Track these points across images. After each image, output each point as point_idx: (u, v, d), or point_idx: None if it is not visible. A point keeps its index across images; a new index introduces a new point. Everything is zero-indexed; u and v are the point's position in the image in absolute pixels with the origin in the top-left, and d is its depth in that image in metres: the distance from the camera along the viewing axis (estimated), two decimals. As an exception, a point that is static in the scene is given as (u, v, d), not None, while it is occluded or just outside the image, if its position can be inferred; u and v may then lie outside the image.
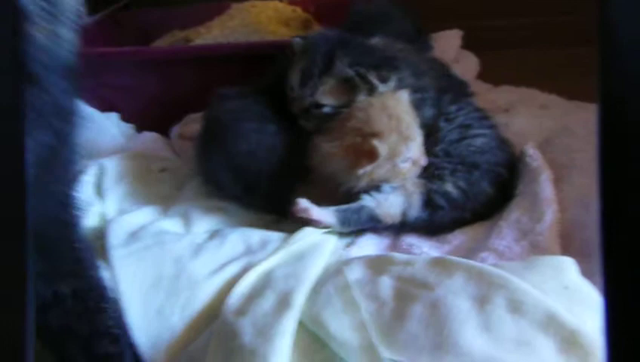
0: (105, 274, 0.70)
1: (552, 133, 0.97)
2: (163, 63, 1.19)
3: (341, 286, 0.64)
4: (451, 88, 0.97)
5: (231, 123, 0.86)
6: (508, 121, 1.15)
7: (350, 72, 0.83)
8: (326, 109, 0.85)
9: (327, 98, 0.85)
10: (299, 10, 1.55)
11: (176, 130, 1.15)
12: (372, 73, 0.83)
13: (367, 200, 0.81)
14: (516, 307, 0.55)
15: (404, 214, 0.81)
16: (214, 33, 1.44)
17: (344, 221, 0.81)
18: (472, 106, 0.97)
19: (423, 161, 0.81)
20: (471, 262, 0.63)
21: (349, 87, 0.84)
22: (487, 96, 1.30)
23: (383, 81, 0.83)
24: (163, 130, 1.18)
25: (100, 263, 0.72)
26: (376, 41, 0.93)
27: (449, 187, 0.82)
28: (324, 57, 0.85)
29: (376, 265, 0.67)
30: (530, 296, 0.55)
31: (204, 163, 0.89)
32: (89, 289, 0.57)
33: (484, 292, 0.57)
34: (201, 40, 1.42)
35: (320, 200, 0.82)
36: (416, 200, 0.82)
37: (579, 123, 0.99)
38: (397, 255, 0.69)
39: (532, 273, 0.59)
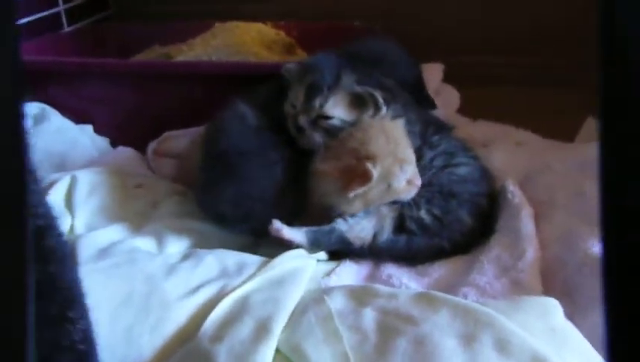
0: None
1: (532, 170, 0.98)
2: (141, 77, 1.17)
3: (323, 315, 0.62)
4: (434, 122, 0.98)
5: (240, 159, 0.85)
6: (487, 156, 1.17)
7: (359, 89, 0.85)
8: (334, 121, 0.85)
9: (337, 110, 0.85)
10: (282, 34, 1.54)
11: (152, 146, 1.12)
12: (379, 92, 0.84)
13: (339, 223, 0.82)
14: (503, 346, 0.54)
15: (375, 238, 0.82)
16: (196, 51, 1.43)
17: (314, 241, 0.81)
18: (453, 137, 0.98)
19: (418, 181, 0.81)
20: (456, 298, 0.61)
21: (357, 103, 0.85)
22: (466, 129, 1.31)
23: (386, 103, 0.84)
24: (139, 145, 1.15)
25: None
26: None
27: (422, 213, 0.83)
28: (332, 74, 0.86)
29: (359, 295, 0.65)
30: (517, 337, 0.54)
31: (210, 196, 0.87)
32: (53, 290, 0.52)
33: (471, 330, 0.55)
34: (183, 57, 1.40)
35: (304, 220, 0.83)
36: (388, 224, 0.83)
37: (557, 160, 1.00)
38: (380, 287, 0.67)
39: (518, 313, 0.58)
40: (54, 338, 0.50)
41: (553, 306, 0.60)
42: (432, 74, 1.33)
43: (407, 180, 0.80)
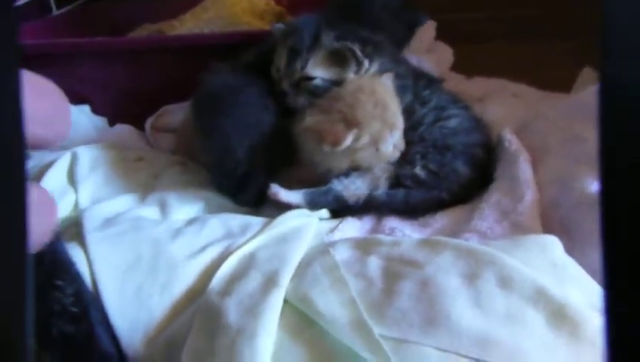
0: (78, 254, 0.68)
1: (527, 119, 0.98)
2: (135, 54, 1.16)
3: (328, 265, 0.63)
4: (424, 75, 0.99)
5: (230, 95, 0.86)
6: (483, 110, 1.17)
7: (338, 45, 0.84)
8: (317, 82, 0.85)
9: (318, 70, 0.85)
10: (272, 3, 1.54)
11: (150, 121, 1.13)
12: (358, 47, 0.83)
13: (335, 183, 0.83)
14: (506, 282, 0.55)
15: (370, 195, 0.83)
16: (188, 26, 1.42)
17: (311, 202, 0.83)
18: (444, 90, 0.99)
19: (402, 146, 0.82)
20: (458, 240, 0.63)
21: (338, 60, 0.85)
22: (460, 86, 1.32)
23: (369, 58, 0.84)
24: (137, 122, 1.15)
25: (74, 245, 0.70)
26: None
27: (417, 170, 0.84)
28: (310, 35, 0.86)
29: (363, 245, 0.66)
30: (519, 272, 0.55)
31: (210, 140, 0.87)
32: (39, 262, 0.52)
33: (474, 269, 0.56)
34: (174, 33, 1.39)
35: (301, 184, 0.84)
36: (383, 184, 0.84)
37: (551, 107, 1.00)
38: (383, 236, 0.68)
39: (519, 250, 0.59)
40: (45, 304, 0.51)
41: (553, 242, 0.61)
42: (424, 32, 1.32)
43: (394, 146, 0.81)
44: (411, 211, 0.83)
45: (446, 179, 0.84)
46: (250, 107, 0.85)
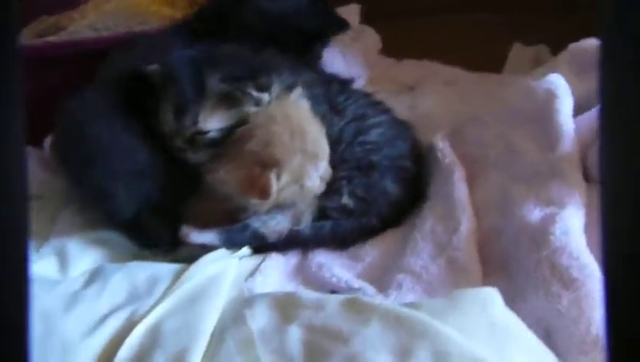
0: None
1: (461, 121, 0.91)
2: (26, 62, 1.02)
3: (243, 340, 0.55)
4: (334, 78, 0.90)
5: (98, 136, 0.75)
6: (413, 102, 1.10)
7: (227, 88, 0.73)
8: (212, 134, 0.74)
9: (211, 121, 0.73)
10: (183, -13, 1.40)
11: (50, 140, 1.00)
12: (249, 85, 0.72)
13: (253, 219, 0.75)
14: (441, 358, 0.48)
15: (293, 230, 0.75)
16: (90, 19, 1.28)
17: (227, 241, 0.75)
18: (360, 93, 0.90)
19: (328, 175, 0.74)
20: (385, 304, 0.55)
21: (231, 103, 0.74)
22: (390, 73, 1.24)
23: (265, 89, 0.73)
24: (35, 138, 1.02)
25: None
26: (233, 48, 0.81)
27: (345, 199, 0.76)
28: (192, 80, 0.73)
29: (283, 307, 0.58)
30: (455, 345, 0.49)
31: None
32: None
33: (405, 343, 0.50)
34: (75, 27, 1.25)
35: (214, 217, 0.75)
36: (307, 217, 0.76)
37: (487, 107, 0.94)
38: (305, 295, 0.60)
39: (455, 313, 0.52)
40: None
41: (492, 296, 0.54)
42: (348, 17, 1.23)
43: (320, 177, 0.73)
44: (340, 243, 0.75)
45: (375, 202, 0.76)
46: (124, 145, 0.74)
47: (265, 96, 0.73)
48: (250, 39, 0.81)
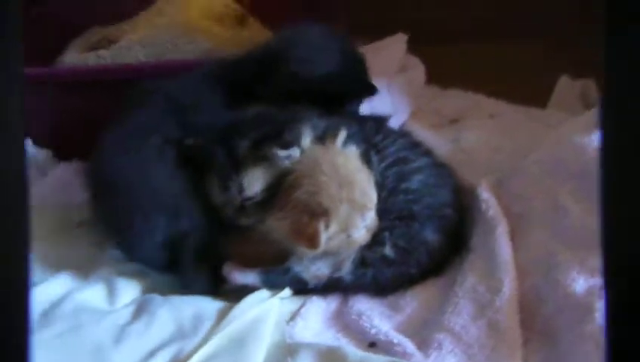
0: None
1: (505, 164, 0.91)
2: (69, 84, 1.07)
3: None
4: (368, 118, 0.90)
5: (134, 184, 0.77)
6: (456, 137, 1.10)
7: (257, 153, 0.75)
8: (258, 197, 0.75)
9: (255, 186, 0.75)
10: (232, 3, 1.42)
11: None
12: (274, 146, 0.74)
13: (294, 263, 0.76)
14: None
15: (335, 277, 0.77)
16: (139, 33, 1.31)
17: (268, 283, 0.77)
18: (397, 132, 0.91)
19: (375, 226, 0.75)
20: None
21: (266, 165, 0.75)
22: (434, 104, 1.25)
23: (291, 145, 0.74)
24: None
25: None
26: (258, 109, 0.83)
27: (386, 250, 0.76)
28: (227, 153, 0.75)
29: (328, 360, 0.60)
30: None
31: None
32: None
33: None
34: (126, 41, 1.28)
35: (256, 258, 0.77)
36: (347, 265, 0.76)
37: (532, 146, 0.94)
38: (351, 352, 0.62)
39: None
40: None
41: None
42: (394, 49, 1.24)
43: (366, 227, 0.73)
44: (381, 291, 0.77)
45: (415, 252, 0.77)
46: (154, 180, 0.76)
47: (294, 151, 0.74)
48: (281, 99, 0.83)
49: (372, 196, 0.74)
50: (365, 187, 0.73)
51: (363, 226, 0.73)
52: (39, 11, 1.41)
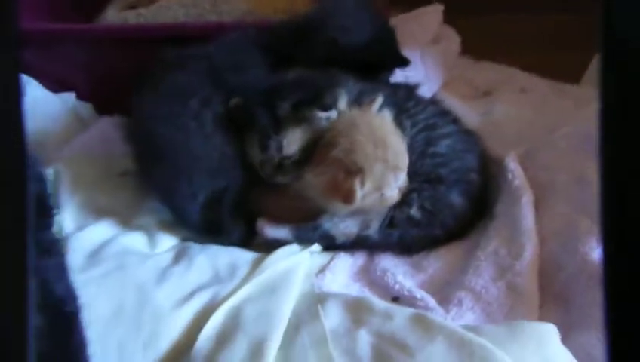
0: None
1: (534, 138, 0.93)
2: (121, 41, 1.10)
3: (317, 337, 0.61)
4: (400, 86, 0.93)
5: (175, 137, 0.80)
6: (487, 110, 1.12)
7: (297, 114, 0.78)
8: (295, 156, 0.79)
9: (293, 145, 0.78)
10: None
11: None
12: (315, 107, 0.77)
13: (324, 221, 0.80)
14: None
15: (363, 235, 0.80)
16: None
17: (298, 238, 0.81)
18: (428, 100, 0.94)
19: (405, 187, 0.78)
20: (451, 325, 0.60)
21: (305, 126, 0.79)
22: (467, 75, 1.26)
23: (330, 108, 0.78)
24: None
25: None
26: (298, 73, 0.86)
27: (413, 211, 0.80)
28: (268, 113, 0.79)
29: (355, 310, 0.64)
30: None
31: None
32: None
33: (466, 363, 0.55)
34: (165, 1, 1.30)
35: (288, 214, 0.82)
36: (375, 223, 0.80)
37: (562, 123, 0.95)
38: (376, 302, 0.66)
39: (513, 342, 0.57)
40: None
41: (550, 333, 0.59)
42: (429, 19, 1.24)
43: (398, 187, 0.77)
44: (406, 250, 0.80)
45: (441, 215, 0.80)
46: (194, 143, 0.79)
47: (332, 113, 0.78)
48: (319, 64, 0.86)
49: (404, 157, 0.77)
50: (398, 148, 0.76)
51: (396, 186, 0.76)
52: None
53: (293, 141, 0.78)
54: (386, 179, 0.75)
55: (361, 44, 0.89)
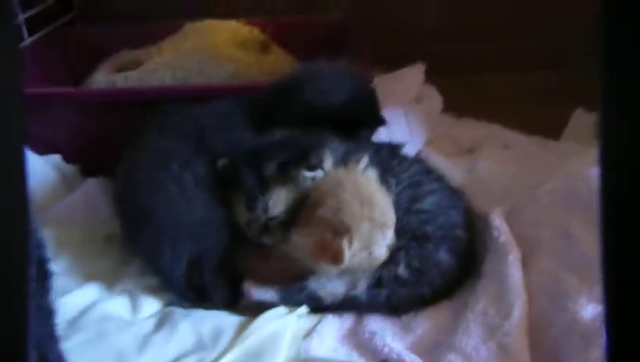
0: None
1: (519, 194, 0.94)
2: (109, 104, 1.11)
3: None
4: (383, 145, 0.94)
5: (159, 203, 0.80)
6: (471, 167, 1.13)
7: (284, 174, 0.79)
8: (282, 216, 0.79)
9: (279, 206, 0.79)
10: (256, 31, 1.47)
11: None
12: (301, 167, 0.78)
13: (311, 282, 0.79)
14: None
15: (351, 296, 0.79)
16: (166, 57, 1.36)
17: (285, 299, 0.80)
18: (412, 158, 0.95)
19: (393, 244, 0.78)
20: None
21: (291, 186, 0.79)
22: (450, 132, 1.27)
23: (316, 167, 0.79)
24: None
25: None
26: (284, 133, 0.88)
27: (400, 270, 0.79)
28: (255, 173, 0.80)
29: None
30: None
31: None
32: None
33: None
34: (153, 63, 1.33)
35: (273, 276, 0.80)
36: (362, 283, 0.79)
37: (545, 178, 0.96)
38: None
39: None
40: None
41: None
42: (412, 78, 1.28)
43: (387, 245, 0.76)
44: (394, 311, 0.79)
45: (428, 273, 0.80)
46: (186, 208, 0.80)
47: (318, 173, 0.79)
48: (299, 125, 0.88)
49: (391, 215, 0.77)
50: (385, 206, 0.76)
51: (384, 244, 0.76)
52: (69, 33, 1.48)
53: (279, 201, 0.78)
54: (374, 237, 0.74)
55: (338, 104, 0.92)
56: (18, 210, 0.32)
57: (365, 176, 0.78)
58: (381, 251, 0.76)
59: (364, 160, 0.80)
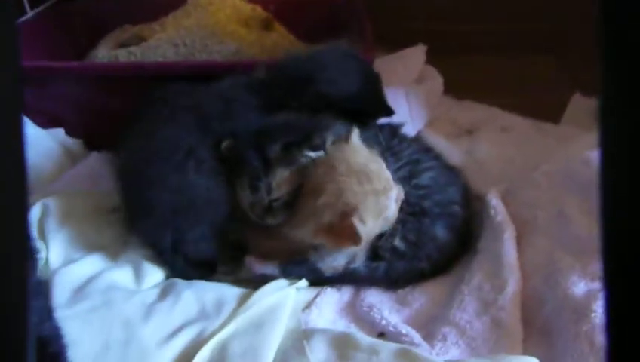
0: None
1: (516, 175, 0.96)
2: (112, 78, 1.12)
3: (302, 372, 0.62)
4: (383, 125, 0.96)
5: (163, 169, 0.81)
6: (470, 148, 1.15)
7: (287, 155, 0.80)
8: (285, 197, 0.80)
9: (282, 188, 0.79)
10: (258, 8, 1.47)
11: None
12: (305, 148, 0.79)
13: (312, 255, 0.81)
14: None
15: (350, 269, 0.81)
16: (169, 33, 1.36)
17: (286, 273, 0.81)
18: (411, 138, 0.96)
19: (402, 194, 0.79)
20: (435, 360, 0.61)
21: (294, 167, 0.80)
22: (450, 113, 1.29)
23: (319, 148, 0.79)
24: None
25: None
26: (289, 116, 0.88)
27: (397, 242, 0.81)
28: (259, 155, 0.80)
29: (341, 346, 0.65)
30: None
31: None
32: None
33: (450, 399, 0.55)
34: (155, 40, 1.33)
35: (276, 253, 0.82)
36: (361, 255, 0.81)
37: (542, 160, 0.98)
38: (362, 338, 0.67)
39: (497, 377, 0.58)
40: None
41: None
42: (414, 59, 1.28)
43: (395, 201, 0.77)
44: (393, 284, 0.81)
45: (425, 247, 0.82)
46: (195, 180, 0.80)
47: (320, 153, 0.79)
48: (308, 111, 0.88)
49: (389, 177, 0.78)
50: (381, 172, 0.77)
51: (393, 205, 0.77)
52: (71, 7, 1.48)
53: (282, 182, 0.79)
54: (382, 204, 0.75)
55: (349, 95, 0.92)
56: (17, 184, 0.31)
57: (354, 150, 0.79)
58: (392, 210, 0.77)
59: (355, 133, 0.81)
